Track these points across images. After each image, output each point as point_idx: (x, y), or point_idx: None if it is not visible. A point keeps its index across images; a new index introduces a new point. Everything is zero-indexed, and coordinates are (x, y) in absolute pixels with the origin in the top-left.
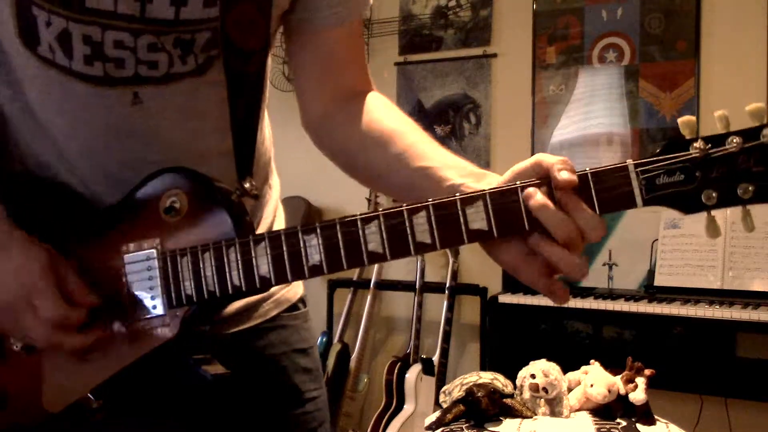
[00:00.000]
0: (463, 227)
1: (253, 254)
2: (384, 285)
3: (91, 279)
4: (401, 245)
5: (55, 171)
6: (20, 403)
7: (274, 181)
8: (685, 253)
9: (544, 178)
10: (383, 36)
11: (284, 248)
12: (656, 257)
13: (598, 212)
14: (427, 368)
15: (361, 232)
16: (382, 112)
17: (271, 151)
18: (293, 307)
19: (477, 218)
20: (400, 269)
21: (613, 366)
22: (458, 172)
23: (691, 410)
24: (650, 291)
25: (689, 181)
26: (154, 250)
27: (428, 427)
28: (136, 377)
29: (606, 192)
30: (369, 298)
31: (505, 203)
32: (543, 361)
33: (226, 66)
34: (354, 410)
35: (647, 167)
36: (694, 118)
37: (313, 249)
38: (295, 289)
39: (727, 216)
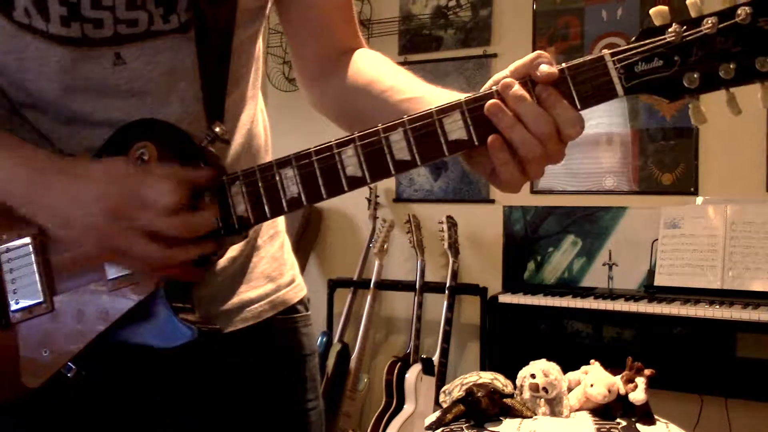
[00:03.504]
0: (441, 139)
1: (228, 193)
2: (384, 285)
3: (64, 242)
4: (380, 166)
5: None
6: None
7: (269, 147)
8: (685, 253)
9: (523, 78)
10: (383, 36)
11: (260, 184)
12: (656, 257)
13: (579, 107)
14: (427, 368)
15: (337, 157)
16: (368, 61)
17: (267, 137)
18: (292, 309)
19: (455, 128)
20: (400, 269)
21: (613, 366)
22: (441, 97)
23: (691, 410)
24: (650, 291)
25: (668, 66)
26: None
27: (428, 427)
28: (118, 341)
29: (584, 84)
30: (369, 298)
31: (482, 109)
32: (543, 361)
33: (195, 16)
34: (354, 410)
35: (624, 55)
36: (666, 7)
37: (290, 181)
38: (295, 291)
39: (726, 216)
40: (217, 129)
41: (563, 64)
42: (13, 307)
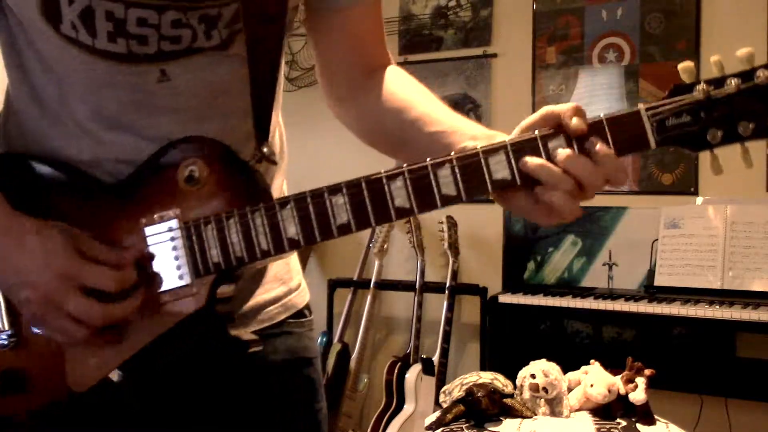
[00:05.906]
0: (487, 177)
1: (279, 218)
2: (384, 285)
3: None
4: (428, 198)
5: (73, 152)
6: (43, 385)
7: (285, 155)
8: (685, 253)
9: (558, 128)
10: None
11: (311, 209)
12: (656, 257)
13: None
14: (427, 368)
15: (387, 188)
16: (400, 83)
17: (283, 143)
18: (300, 313)
19: (500, 168)
20: (400, 269)
21: (613, 366)
22: (469, 135)
23: (691, 410)
24: (650, 291)
25: (695, 122)
26: (176, 220)
27: (428, 427)
28: (165, 350)
29: (620, 134)
30: (369, 298)
31: (526, 152)
32: (543, 361)
33: (248, 38)
34: (354, 410)
35: (658, 110)
36: (692, 63)
37: (340, 208)
38: (302, 295)
39: (727, 215)
40: (265, 149)
41: (601, 115)
42: None
